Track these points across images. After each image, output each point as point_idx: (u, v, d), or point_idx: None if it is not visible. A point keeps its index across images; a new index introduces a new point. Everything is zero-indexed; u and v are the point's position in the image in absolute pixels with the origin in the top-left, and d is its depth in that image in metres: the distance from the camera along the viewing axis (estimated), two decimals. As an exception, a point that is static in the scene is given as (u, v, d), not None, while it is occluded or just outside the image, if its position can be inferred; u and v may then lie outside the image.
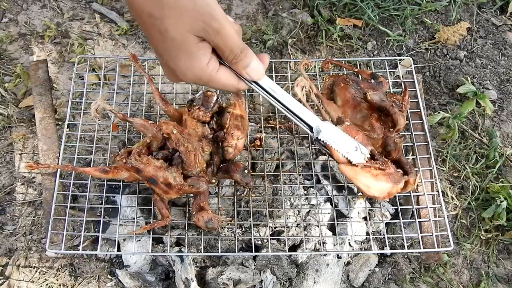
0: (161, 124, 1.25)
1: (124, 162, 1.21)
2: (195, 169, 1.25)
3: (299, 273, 1.49)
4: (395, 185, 1.19)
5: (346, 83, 1.37)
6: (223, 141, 1.30)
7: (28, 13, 2.09)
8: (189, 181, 1.24)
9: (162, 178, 1.20)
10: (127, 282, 1.48)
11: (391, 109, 1.27)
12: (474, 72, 1.99)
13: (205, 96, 1.33)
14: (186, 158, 1.24)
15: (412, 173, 1.23)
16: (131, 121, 1.28)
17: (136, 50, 2.03)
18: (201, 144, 1.28)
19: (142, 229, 1.26)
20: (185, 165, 1.24)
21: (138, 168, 1.20)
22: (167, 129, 1.24)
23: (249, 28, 2.07)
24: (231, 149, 1.30)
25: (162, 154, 1.25)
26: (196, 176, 1.25)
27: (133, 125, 1.30)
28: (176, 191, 1.22)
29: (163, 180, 1.20)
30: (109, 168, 1.20)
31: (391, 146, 1.27)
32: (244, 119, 1.33)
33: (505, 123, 1.91)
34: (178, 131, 1.25)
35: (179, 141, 1.24)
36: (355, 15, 2.10)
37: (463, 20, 2.13)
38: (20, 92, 1.88)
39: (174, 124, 1.27)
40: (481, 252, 1.66)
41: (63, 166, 1.25)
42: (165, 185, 1.21)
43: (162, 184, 1.21)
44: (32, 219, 1.64)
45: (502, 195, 1.64)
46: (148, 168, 1.20)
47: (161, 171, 1.21)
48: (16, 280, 1.52)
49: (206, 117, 1.30)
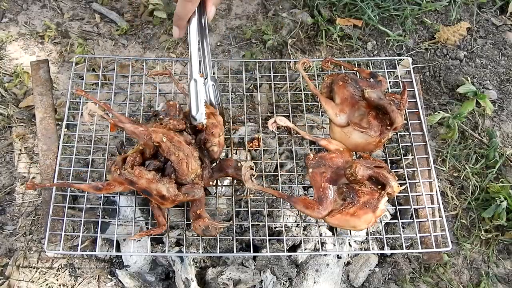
0: (150, 133, 1.22)
1: (118, 174, 1.21)
2: (189, 176, 1.23)
3: (299, 273, 1.49)
4: (375, 209, 1.20)
5: (345, 82, 1.37)
6: (205, 143, 1.29)
7: (28, 13, 2.09)
8: (183, 189, 1.22)
9: (156, 190, 1.19)
10: (127, 282, 1.48)
11: (389, 107, 1.27)
12: (474, 72, 1.99)
13: (168, 106, 1.32)
14: (179, 167, 1.21)
15: (388, 183, 1.21)
16: (122, 127, 1.27)
17: (136, 50, 2.03)
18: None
19: (138, 235, 1.26)
20: (178, 174, 1.22)
21: (132, 180, 1.19)
22: (156, 138, 1.21)
23: (249, 28, 2.07)
24: (216, 148, 1.30)
25: (153, 166, 1.23)
26: (191, 184, 1.24)
27: (125, 131, 1.29)
28: (170, 202, 1.21)
29: (157, 193, 1.19)
30: (102, 186, 1.21)
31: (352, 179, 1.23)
32: (216, 116, 1.32)
33: (505, 123, 1.91)
34: (168, 139, 1.22)
35: (170, 150, 1.21)
36: (355, 15, 2.10)
37: (463, 20, 2.13)
38: (20, 92, 1.88)
39: (163, 132, 1.23)
40: (481, 252, 1.66)
41: (60, 183, 1.30)
42: (159, 197, 1.20)
43: (157, 196, 1.20)
44: (32, 219, 1.64)
45: (502, 195, 1.64)
46: (141, 180, 1.19)
47: (154, 183, 1.19)
48: (16, 280, 1.52)
49: (182, 125, 1.28)
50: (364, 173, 1.19)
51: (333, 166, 1.26)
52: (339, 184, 1.24)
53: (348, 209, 1.18)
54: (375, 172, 1.20)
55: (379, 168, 1.22)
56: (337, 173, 1.24)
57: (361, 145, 1.32)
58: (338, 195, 1.23)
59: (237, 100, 1.88)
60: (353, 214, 1.18)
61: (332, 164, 1.26)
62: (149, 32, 2.08)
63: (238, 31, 2.11)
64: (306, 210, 1.21)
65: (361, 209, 1.18)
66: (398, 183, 1.22)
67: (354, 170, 1.18)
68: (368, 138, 1.29)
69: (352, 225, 1.21)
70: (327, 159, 1.27)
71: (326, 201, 1.21)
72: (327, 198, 1.22)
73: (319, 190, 1.22)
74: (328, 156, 1.28)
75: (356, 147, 1.33)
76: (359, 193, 1.19)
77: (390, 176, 1.21)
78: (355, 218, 1.19)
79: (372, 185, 1.23)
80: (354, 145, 1.32)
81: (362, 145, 1.32)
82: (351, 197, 1.19)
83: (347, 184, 1.22)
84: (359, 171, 1.18)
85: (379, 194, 1.20)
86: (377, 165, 1.23)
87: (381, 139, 1.28)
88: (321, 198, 1.22)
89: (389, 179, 1.20)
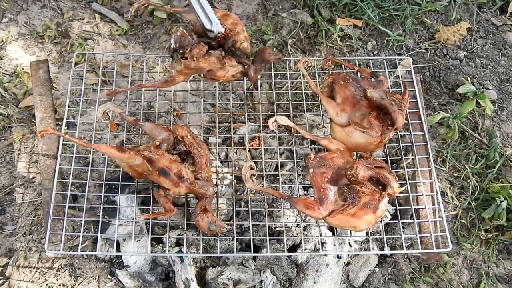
0: (176, 128, 1.32)
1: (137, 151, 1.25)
2: (204, 173, 1.29)
3: (299, 273, 1.49)
4: (376, 210, 1.20)
5: (346, 81, 1.37)
6: (234, 45, 1.34)
7: (28, 13, 2.09)
8: (200, 182, 1.27)
9: (176, 169, 1.24)
10: (127, 282, 1.48)
11: (390, 107, 1.27)
12: (474, 72, 1.99)
13: (179, 37, 1.33)
14: (198, 160, 1.29)
15: (389, 184, 1.21)
16: (142, 125, 1.33)
17: (136, 50, 2.03)
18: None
19: (146, 216, 1.28)
20: (196, 167, 1.28)
21: (151, 158, 1.23)
22: (182, 132, 1.30)
23: (249, 28, 2.07)
24: (245, 44, 1.35)
25: (176, 151, 1.31)
26: (205, 180, 1.29)
27: (143, 129, 1.34)
28: (187, 185, 1.25)
29: (177, 172, 1.24)
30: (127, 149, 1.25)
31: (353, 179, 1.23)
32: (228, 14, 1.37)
33: (505, 123, 1.91)
34: (191, 136, 1.32)
35: (192, 145, 1.30)
36: (355, 15, 2.10)
37: (463, 20, 2.13)
38: (20, 92, 1.88)
39: (188, 130, 1.33)
40: (481, 252, 1.66)
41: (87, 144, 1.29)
42: (178, 177, 1.23)
43: (174, 176, 1.23)
44: (32, 219, 1.64)
45: (502, 195, 1.64)
46: (162, 159, 1.24)
47: (175, 163, 1.25)
48: (16, 280, 1.52)
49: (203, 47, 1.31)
50: (365, 173, 1.19)
51: (334, 167, 1.26)
52: (339, 184, 1.23)
53: (349, 210, 1.18)
54: (375, 172, 1.20)
55: (379, 168, 1.22)
56: (338, 174, 1.24)
57: (362, 145, 1.32)
58: (338, 195, 1.23)
59: (238, 99, 1.88)
60: (354, 215, 1.18)
61: (333, 165, 1.26)
62: (149, 32, 2.08)
63: (238, 31, 2.11)
64: (307, 210, 1.21)
65: (361, 210, 1.18)
66: (398, 183, 1.22)
67: (355, 171, 1.18)
68: (369, 138, 1.29)
69: (353, 225, 1.21)
70: (328, 159, 1.27)
71: (326, 202, 1.21)
72: (328, 199, 1.22)
73: (320, 190, 1.22)
74: (329, 156, 1.28)
75: (357, 147, 1.33)
76: (360, 193, 1.19)
77: (391, 177, 1.21)
78: (356, 219, 1.19)
79: (373, 185, 1.23)
80: (355, 145, 1.32)
81: (363, 145, 1.32)
82: (352, 198, 1.19)
83: (347, 184, 1.22)
84: (360, 172, 1.18)
85: (379, 195, 1.20)
86: (377, 166, 1.23)
87: (382, 139, 1.28)
88: (322, 198, 1.21)
89: (390, 179, 1.20)
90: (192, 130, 1.36)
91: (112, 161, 1.59)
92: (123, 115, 1.31)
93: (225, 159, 1.62)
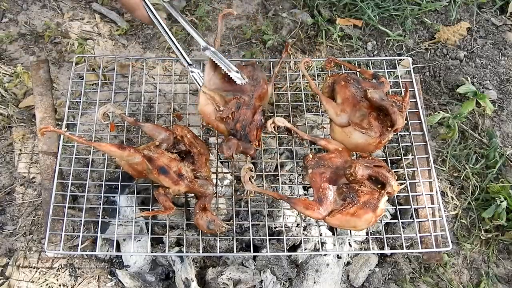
0: (176, 128, 1.32)
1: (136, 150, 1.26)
2: (204, 172, 1.30)
3: (299, 273, 1.49)
4: (376, 209, 1.20)
5: (347, 82, 1.37)
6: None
7: (28, 13, 2.09)
8: (199, 181, 1.28)
9: (176, 167, 1.25)
10: (127, 282, 1.48)
11: (391, 109, 1.27)
12: (474, 72, 1.99)
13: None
14: (198, 159, 1.30)
15: (388, 182, 1.21)
16: (142, 126, 1.33)
17: (136, 50, 2.03)
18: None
19: (146, 213, 1.28)
20: (196, 165, 1.30)
21: (151, 157, 1.23)
22: (181, 132, 1.31)
23: (249, 28, 2.07)
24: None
25: (176, 150, 1.31)
26: (205, 179, 1.29)
27: (143, 130, 1.34)
28: (186, 183, 1.25)
29: (177, 170, 1.24)
30: (127, 146, 1.25)
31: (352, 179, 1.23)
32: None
33: (505, 123, 1.91)
34: (191, 135, 1.33)
35: (192, 144, 1.31)
36: (355, 15, 2.10)
37: (463, 20, 2.13)
38: (20, 92, 1.88)
39: (188, 130, 1.34)
40: (481, 252, 1.66)
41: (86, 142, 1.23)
42: (177, 176, 1.24)
43: (174, 174, 1.23)
44: (32, 219, 1.64)
45: (502, 195, 1.64)
46: (162, 158, 1.24)
47: (175, 162, 1.26)
48: (16, 280, 1.52)
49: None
50: (363, 172, 1.19)
51: (333, 166, 1.26)
52: (338, 184, 1.24)
53: (349, 209, 1.18)
54: (374, 171, 1.21)
55: (378, 167, 1.22)
56: (337, 173, 1.24)
57: (361, 145, 1.32)
58: (338, 195, 1.23)
59: (237, 100, 1.87)
60: (354, 214, 1.18)
61: (332, 164, 1.26)
62: (149, 32, 2.08)
63: (238, 31, 2.11)
64: (306, 211, 1.21)
65: (361, 209, 1.18)
66: (397, 182, 1.22)
67: (353, 170, 1.18)
68: (368, 139, 1.29)
69: (353, 225, 1.21)
70: (326, 159, 1.27)
71: (326, 202, 1.21)
72: (327, 199, 1.22)
73: (319, 190, 1.22)
74: (327, 157, 1.28)
75: (356, 147, 1.33)
76: (359, 192, 1.19)
77: (390, 175, 1.21)
78: (356, 218, 1.19)
79: (372, 184, 1.23)
80: (354, 145, 1.32)
81: (362, 146, 1.32)
82: (351, 197, 1.19)
83: (347, 184, 1.22)
84: (358, 171, 1.18)
85: (379, 194, 1.20)
86: (376, 164, 1.23)
87: (381, 140, 1.28)
88: (321, 198, 1.22)
89: (389, 178, 1.20)
90: (192, 131, 1.36)
91: (112, 161, 1.59)
92: (123, 116, 1.31)
93: (225, 160, 1.62)
